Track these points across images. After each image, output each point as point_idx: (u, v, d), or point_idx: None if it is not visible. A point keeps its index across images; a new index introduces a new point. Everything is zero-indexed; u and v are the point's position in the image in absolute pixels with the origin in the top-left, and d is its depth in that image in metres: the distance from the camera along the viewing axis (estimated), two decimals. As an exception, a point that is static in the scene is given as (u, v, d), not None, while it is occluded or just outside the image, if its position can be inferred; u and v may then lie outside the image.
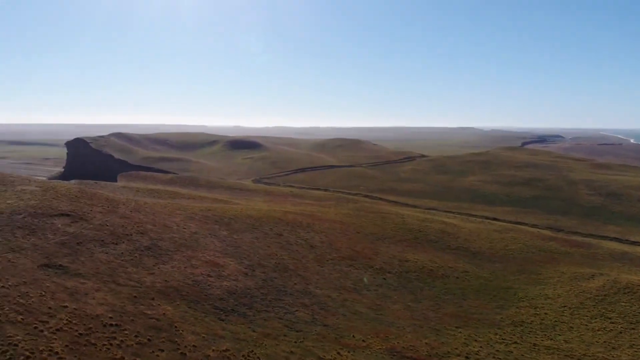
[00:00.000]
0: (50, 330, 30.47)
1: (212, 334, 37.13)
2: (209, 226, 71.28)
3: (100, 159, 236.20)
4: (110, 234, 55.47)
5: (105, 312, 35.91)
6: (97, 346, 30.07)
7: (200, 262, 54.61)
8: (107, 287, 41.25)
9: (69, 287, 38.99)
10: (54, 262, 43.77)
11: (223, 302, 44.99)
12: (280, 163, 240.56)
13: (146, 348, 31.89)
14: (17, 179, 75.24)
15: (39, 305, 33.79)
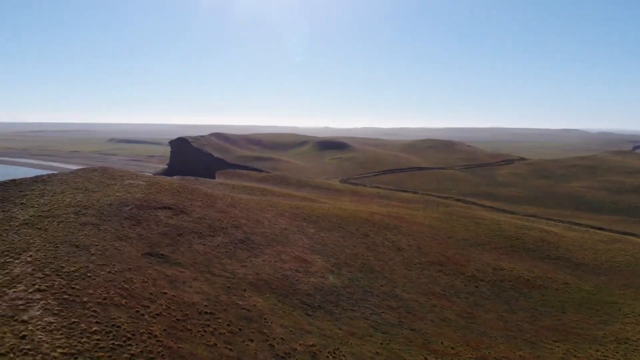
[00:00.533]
0: (150, 314, 32.73)
1: (300, 328, 37.83)
2: (297, 223, 72.85)
3: (200, 157, 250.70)
4: (207, 227, 58.58)
5: (201, 300, 37.94)
6: (192, 332, 31.82)
7: (289, 257, 55.94)
8: (203, 277, 43.58)
9: (169, 275, 41.70)
10: (156, 251, 47.04)
11: (310, 297, 45.69)
12: (368, 164, 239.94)
13: (237, 337, 33.21)
14: (126, 174, 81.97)
15: (141, 291, 36.45)
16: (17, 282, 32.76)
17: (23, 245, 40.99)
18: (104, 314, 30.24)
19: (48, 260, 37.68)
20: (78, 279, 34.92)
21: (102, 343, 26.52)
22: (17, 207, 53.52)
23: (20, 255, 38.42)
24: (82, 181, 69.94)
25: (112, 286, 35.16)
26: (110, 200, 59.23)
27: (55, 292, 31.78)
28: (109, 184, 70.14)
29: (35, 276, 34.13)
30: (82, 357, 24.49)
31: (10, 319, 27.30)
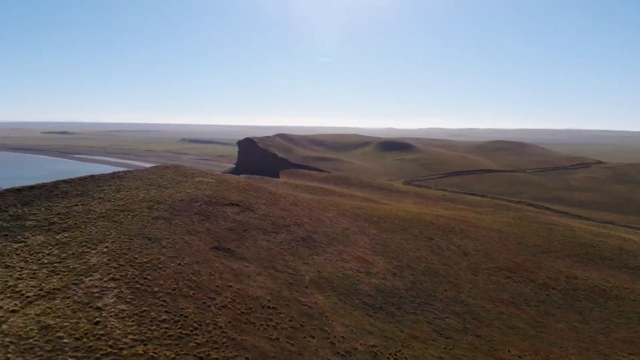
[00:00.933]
0: (216, 306, 33.71)
1: (361, 328, 37.56)
2: (359, 223, 72.52)
3: (266, 157, 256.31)
4: (271, 224, 59.64)
5: (264, 294, 38.61)
6: (255, 325, 32.43)
7: (351, 257, 55.76)
8: (267, 272, 44.35)
9: (234, 269, 42.80)
10: (223, 245, 48.44)
11: (371, 298, 45.27)
12: (433, 165, 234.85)
13: (299, 333, 33.48)
14: (196, 172, 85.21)
15: (208, 283, 37.63)
16: (93, 271, 34.83)
17: (100, 236, 43.56)
18: (172, 304, 31.48)
19: (122, 251, 39.81)
20: (150, 269, 36.62)
21: (170, 331, 27.60)
22: (96, 201, 57.00)
23: (97, 245, 40.85)
24: (156, 178, 73.48)
25: (181, 278, 36.56)
26: (181, 196, 61.74)
27: (128, 282, 33.48)
28: (180, 181, 73.22)
29: (110, 266, 36.14)
30: (151, 344, 25.60)
31: (85, 306, 29.04)
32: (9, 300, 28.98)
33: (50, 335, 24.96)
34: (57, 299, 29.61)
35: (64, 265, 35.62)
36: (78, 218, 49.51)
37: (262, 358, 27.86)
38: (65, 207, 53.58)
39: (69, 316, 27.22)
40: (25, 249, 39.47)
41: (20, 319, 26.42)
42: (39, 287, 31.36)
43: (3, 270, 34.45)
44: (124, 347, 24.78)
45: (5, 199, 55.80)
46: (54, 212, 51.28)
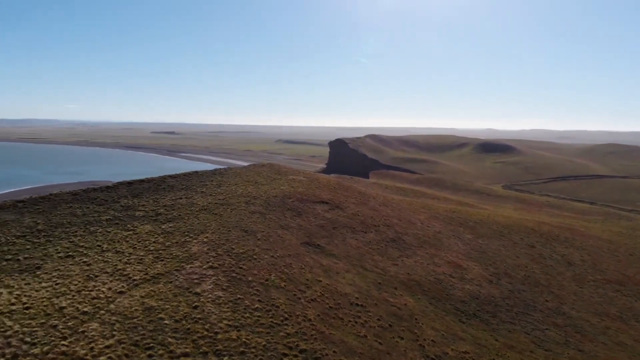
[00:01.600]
0: (306, 299, 34.24)
1: (452, 334, 36.18)
2: (452, 227, 70.05)
3: (356, 157, 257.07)
4: (360, 223, 59.52)
5: (353, 292, 38.57)
6: (343, 320, 32.49)
7: (443, 261, 54.02)
8: (356, 270, 44.29)
9: (324, 264, 43.25)
10: (314, 241, 49.18)
11: (465, 304, 43.46)
12: (536, 169, 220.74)
13: (387, 332, 33.00)
14: (290, 170, 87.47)
15: (299, 276, 38.35)
16: (194, 259, 36.97)
17: (201, 227, 46.16)
18: (265, 294, 32.49)
19: (221, 241, 41.85)
20: (245, 260, 38.14)
21: (262, 320, 28.49)
22: (198, 195, 60.52)
23: (198, 236, 43.33)
24: (253, 175, 76.52)
25: (273, 269, 37.66)
26: (275, 193, 63.70)
27: (225, 270, 35.10)
28: (275, 179, 75.62)
29: (210, 255, 38.14)
30: (244, 331, 26.60)
31: (185, 291, 30.88)
32: (118, 282, 31.63)
33: (152, 316, 26.84)
34: (161, 283, 31.81)
35: (168, 253, 38.22)
36: (182, 210, 52.89)
37: (350, 353, 27.80)
38: (171, 200, 57.49)
39: (170, 299, 29.10)
40: (134, 237, 42.93)
41: (126, 300, 28.72)
42: (145, 271, 33.91)
43: (114, 255, 37.72)
44: (219, 331, 25.98)
45: (118, 191, 61.11)
46: (161, 204, 55.23)
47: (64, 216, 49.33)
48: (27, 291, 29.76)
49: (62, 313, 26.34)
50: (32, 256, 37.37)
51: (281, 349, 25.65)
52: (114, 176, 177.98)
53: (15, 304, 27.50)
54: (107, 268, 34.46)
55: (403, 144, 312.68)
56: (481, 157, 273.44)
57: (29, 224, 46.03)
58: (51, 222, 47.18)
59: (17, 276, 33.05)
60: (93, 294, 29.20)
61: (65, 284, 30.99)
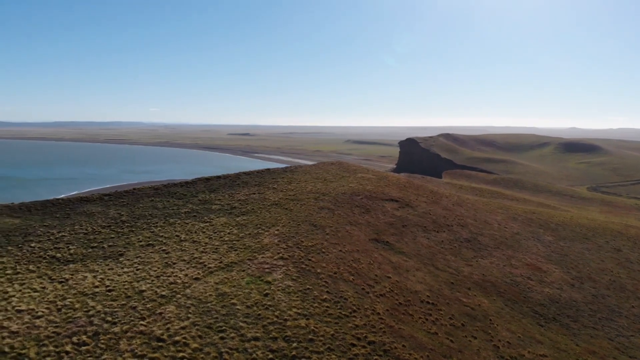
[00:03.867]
0: (375, 293, 33.84)
1: (529, 337, 34.29)
2: (532, 229, 66.57)
3: (428, 157, 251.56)
4: (432, 222, 58.07)
5: (423, 290, 37.65)
6: (413, 317, 31.76)
7: (521, 263, 51.46)
8: (427, 269, 43.22)
9: (393, 261, 42.60)
10: (382, 238, 48.59)
11: (543, 308, 41.08)
12: (625, 170, 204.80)
13: (459, 331, 31.86)
14: (358, 168, 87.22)
15: (367, 272, 38.00)
16: (266, 250, 37.76)
17: (272, 221, 47.11)
18: (333, 286, 32.50)
19: (291, 234, 42.46)
20: (314, 253, 38.41)
21: (331, 310, 28.49)
22: (270, 191, 61.86)
23: (269, 228, 44.25)
24: (322, 173, 77.11)
25: (342, 263, 37.61)
26: (344, 190, 63.74)
27: (295, 262, 35.54)
28: (343, 176, 75.71)
29: (280, 246, 38.79)
30: (312, 319, 26.72)
31: (257, 279, 31.58)
32: (194, 270, 32.97)
33: (225, 301, 27.69)
34: (234, 271, 32.78)
35: (241, 243, 39.34)
36: (255, 204, 54.30)
37: (419, 348, 27.09)
38: (245, 195, 59.21)
39: (242, 287, 29.90)
40: (210, 228, 44.63)
41: (201, 286, 29.84)
42: (219, 260, 35.11)
43: (191, 245, 39.40)
44: (288, 318, 26.30)
45: (196, 186, 63.84)
46: (235, 199, 57.05)
47: (146, 209, 52.29)
48: (110, 275, 31.78)
49: (142, 296, 27.84)
50: (115, 244, 39.92)
51: (349, 340, 25.50)
52: (193, 174, 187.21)
53: (99, 286, 29.43)
54: (185, 256, 36.06)
55: (479, 143, 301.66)
56: (564, 158, 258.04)
57: (113, 216, 49.22)
58: (134, 214, 50.18)
59: (102, 262, 35.41)
60: (171, 279, 30.63)
61: (146, 270, 32.77)
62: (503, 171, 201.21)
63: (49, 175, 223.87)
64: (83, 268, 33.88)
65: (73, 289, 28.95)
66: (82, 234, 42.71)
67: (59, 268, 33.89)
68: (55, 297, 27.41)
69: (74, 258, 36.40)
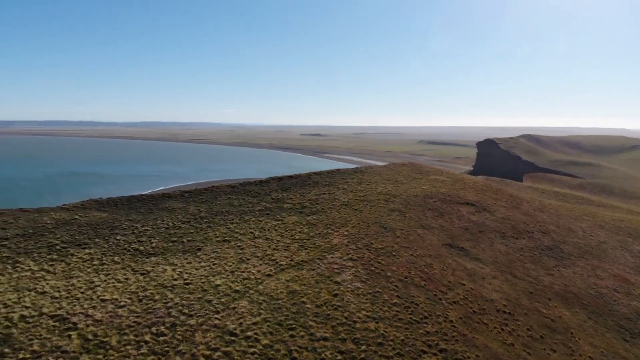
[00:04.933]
0: (447, 300, 32.82)
1: (613, 352, 31.79)
2: (620, 237, 61.75)
3: (507, 159, 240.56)
4: (511, 228, 55.47)
5: (500, 298, 36.01)
6: (488, 326, 30.45)
7: (607, 274, 47.86)
8: (504, 277, 41.32)
9: (468, 268, 41.11)
10: (457, 243, 47.06)
11: (630, 322, 37.93)
12: None
13: (537, 344, 30.13)
14: (432, 170, 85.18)
15: (440, 277, 36.95)
16: (335, 250, 37.85)
17: (342, 221, 47.15)
18: (404, 290, 31.92)
19: (360, 236, 42.26)
20: (384, 255, 37.96)
21: (401, 315, 27.99)
22: (340, 191, 62.00)
23: (339, 229, 44.32)
24: (393, 174, 76.15)
25: (413, 267, 36.87)
26: (416, 192, 62.54)
27: (364, 263, 35.32)
28: (415, 178, 74.29)
29: (349, 247, 38.73)
30: (382, 323, 26.39)
31: (326, 278, 31.70)
32: (266, 266, 33.71)
33: (295, 299, 28.05)
34: (304, 269, 33.15)
35: (311, 242, 39.73)
36: (325, 204, 54.67)
37: (494, 359, 25.92)
38: (315, 195, 59.79)
39: (312, 285, 30.15)
40: (282, 226, 45.49)
41: (273, 282, 30.44)
42: (290, 258, 35.66)
43: (264, 242, 40.35)
44: (357, 320, 26.15)
45: (269, 185, 65.35)
46: (306, 198, 57.76)
47: (223, 206, 54.28)
48: (188, 269, 33.25)
49: (217, 290, 28.86)
50: (194, 239, 41.76)
51: (420, 346, 24.89)
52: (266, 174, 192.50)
53: (177, 279, 30.87)
54: (258, 253, 37.00)
55: (564, 145, 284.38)
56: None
57: (193, 212, 51.54)
58: (212, 210, 52.26)
59: (181, 256, 37.16)
60: (244, 275, 31.53)
61: (221, 265, 33.98)
62: (589, 175, 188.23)
63: (135, 172, 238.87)
64: (163, 261, 35.74)
65: (154, 281, 30.59)
66: (164, 229, 45.11)
67: (141, 260, 35.99)
68: (137, 288, 29.11)
69: (156, 251, 38.51)
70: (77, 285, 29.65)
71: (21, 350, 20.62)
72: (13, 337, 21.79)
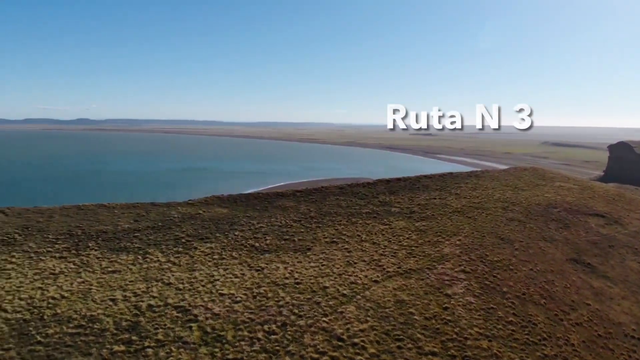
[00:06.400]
0: (570, 321, 30.17)
1: None
2: None
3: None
4: (647, 244, 49.57)
5: (629, 322, 32.37)
6: (614, 353, 27.51)
7: None
8: (635, 298, 37.05)
9: (594, 286, 37.46)
10: (583, 259, 43.08)
11: None
12: None
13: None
14: (557, 176, 78.85)
15: (562, 296, 34.07)
16: (446, 260, 36.57)
17: (454, 229, 45.46)
18: (521, 308, 29.91)
19: (474, 246, 40.40)
20: (500, 269, 35.91)
21: (517, 335, 26.25)
22: (452, 197, 59.87)
23: (450, 237, 42.79)
24: (512, 179, 71.80)
25: (532, 284, 34.42)
26: (538, 200, 58.40)
27: (477, 277, 33.70)
28: (538, 184, 69.36)
29: (462, 258, 37.19)
30: (495, 342, 24.95)
31: (436, 290, 30.73)
32: (373, 272, 33.58)
33: (403, 309, 27.56)
34: (412, 278, 32.48)
35: (420, 250, 38.83)
36: (435, 210, 53.16)
37: (625, 396, 23.30)
38: (425, 199, 58.40)
39: (420, 296, 29.43)
40: (389, 231, 45.06)
41: (380, 289, 30.21)
42: (398, 265, 35.16)
43: (371, 246, 40.27)
44: (468, 337, 25.01)
45: (377, 188, 65.12)
46: (415, 203, 56.64)
47: (331, 206, 55.20)
48: (299, 268, 34.24)
49: (325, 292, 29.37)
50: (304, 239, 42.95)
51: (537, 371, 23.17)
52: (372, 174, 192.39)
53: (289, 278, 31.92)
54: (365, 257, 37.03)
55: None
56: None
57: (303, 211, 53.07)
58: (321, 210, 53.39)
59: (292, 254, 38.41)
60: (351, 279, 31.73)
61: (329, 267, 34.54)
62: None
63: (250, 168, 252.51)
64: (276, 259, 37.24)
65: (267, 278, 31.98)
66: (277, 226, 47.03)
67: (256, 257, 37.84)
68: (252, 285, 30.63)
69: (269, 248, 40.27)
70: (199, 278, 31.98)
71: (147, 339, 22.66)
72: (140, 325, 24.05)
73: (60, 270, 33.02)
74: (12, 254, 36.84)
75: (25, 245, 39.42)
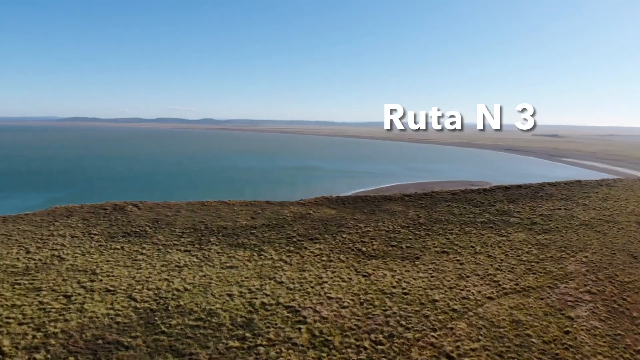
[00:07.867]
0: None
1: None
2: None
3: None
4: None
5: None
6: None
7: None
8: None
9: None
10: None
11: None
12: None
13: None
14: None
15: None
16: (570, 279, 33.64)
17: (580, 244, 41.70)
18: (656, 340, 26.56)
19: (603, 265, 36.72)
20: (630, 291, 32.22)
21: (651, 370, 23.36)
22: (580, 207, 54.98)
23: (576, 253, 39.29)
24: (650, 190, 64.11)
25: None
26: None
27: (605, 299, 30.58)
28: (682, 197, 61.13)
29: (588, 277, 33.98)
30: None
31: (557, 311, 28.36)
32: (487, 287, 31.91)
33: (519, 330, 25.85)
34: (531, 297, 30.35)
35: (541, 267, 36.16)
36: (560, 222, 49.22)
37: None
38: (548, 210, 54.33)
39: (539, 317, 27.39)
40: (506, 243, 42.57)
41: (494, 307, 28.63)
42: (515, 281, 33.07)
43: (485, 259, 38.34)
44: (592, 368, 22.79)
45: (494, 195, 61.88)
46: (537, 213, 52.92)
47: (443, 213, 53.60)
48: (407, 278, 33.70)
49: (435, 306, 28.56)
50: (412, 246, 42.20)
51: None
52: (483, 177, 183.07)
53: (396, 287, 31.54)
54: (478, 270, 35.37)
55: None
56: None
57: (412, 217, 52.18)
58: (431, 217, 52.08)
59: (399, 262, 37.92)
60: (463, 294, 30.49)
61: (439, 279, 33.53)
62: None
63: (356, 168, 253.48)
64: (383, 265, 37.04)
65: (374, 285, 31.94)
66: (384, 231, 46.80)
67: (363, 262, 37.98)
68: (359, 290, 30.80)
69: (376, 254, 40.19)
70: (308, 279, 32.90)
71: (259, 337, 23.76)
72: (254, 323, 25.31)
73: (184, 263, 36.02)
74: (143, 246, 40.96)
75: (154, 237, 43.63)
